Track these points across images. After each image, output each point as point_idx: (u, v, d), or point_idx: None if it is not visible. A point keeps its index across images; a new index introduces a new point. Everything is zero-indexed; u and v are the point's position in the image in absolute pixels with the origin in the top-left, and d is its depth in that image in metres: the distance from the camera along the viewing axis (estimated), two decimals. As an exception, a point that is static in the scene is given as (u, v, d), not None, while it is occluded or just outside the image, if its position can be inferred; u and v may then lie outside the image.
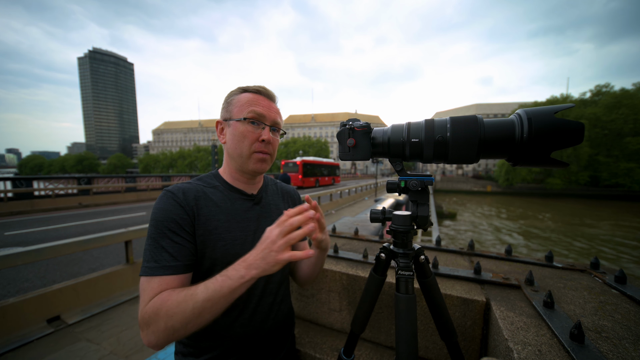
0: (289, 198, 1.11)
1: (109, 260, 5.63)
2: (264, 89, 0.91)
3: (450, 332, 0.82)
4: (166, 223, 0.76)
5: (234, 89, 0.92)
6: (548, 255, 1.27)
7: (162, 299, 0.68)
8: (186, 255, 0.77)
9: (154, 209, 0.79)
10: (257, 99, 0.88)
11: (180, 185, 0.84)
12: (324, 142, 75.65)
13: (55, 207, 13.14)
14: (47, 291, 3.09)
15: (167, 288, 0.71)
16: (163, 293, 0.69)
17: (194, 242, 0.79)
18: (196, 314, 0.65)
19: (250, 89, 0.90)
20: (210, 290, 0.65)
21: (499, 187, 51.53)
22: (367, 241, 1.72)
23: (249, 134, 0.86)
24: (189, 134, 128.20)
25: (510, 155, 0.63)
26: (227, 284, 0.65)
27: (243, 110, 0.86)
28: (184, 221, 0.78)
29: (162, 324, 0.65)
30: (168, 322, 0.64)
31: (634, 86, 42.05)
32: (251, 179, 0.95)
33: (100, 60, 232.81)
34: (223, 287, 0.65)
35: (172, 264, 0.74)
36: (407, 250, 0.77)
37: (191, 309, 0.64)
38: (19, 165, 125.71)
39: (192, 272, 0.80)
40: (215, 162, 18.74)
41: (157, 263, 0.73)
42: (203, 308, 0.64)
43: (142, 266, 0.74)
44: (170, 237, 0.75)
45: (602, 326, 0.77)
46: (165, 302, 0.66)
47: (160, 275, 0.72)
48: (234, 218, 0.88)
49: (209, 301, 0.64)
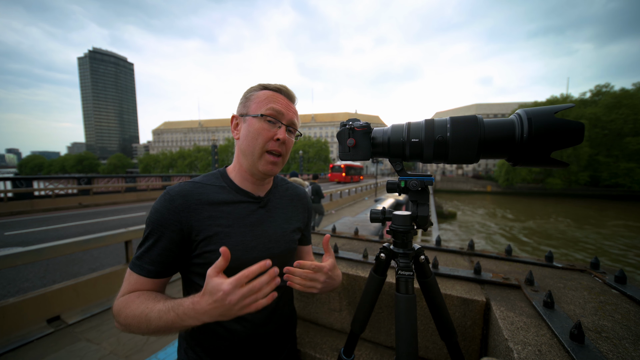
0: (298, 202, 1.06)
1: (109, 260, 5.63)
2: (285, 88, 0.89)
3: (450, 332, 0.82)
4: (156, 226, 0.78)
5: (254, 85, 0.90)
6: (548, 255, 1.27)
7: (127, 302, 0.73)
8: (163, 262, 0.78)
9: (152, 207, 0.80)
10: (276, 97, 0.86)
11: (183, 187, 0.83)
12: (324, 142, 75.62)
13: (55, 207, 13.15)
14: (47, 291, 3.09)
15: (140, 287, 0.77)
16: (132, 295, 0.75)
17: (177, 251, 0.80)
18: (150, 332, 0.71)
19: (270, 86, 0.88)
20: (162, 322, 0.68)
21: (499, 187, 51.53)
22: (367, 241, 1.72)
23: (263, 132, 0.83)
24: (189, 134, 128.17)
25: (510, 155, 0.63)
26: (177, 325, 0.68)
27: (261, 106, 0.84)
28: (174, 228, 0.78)
29: (122, 323, 0.72)
30: (126, 326, 0.72)
31: (634, 86, 42.07)
32: (260, 180, 0.92)
33: (100, 60, 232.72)
34: (174, 325, 0.68)
35: (148, 267, 0.77)
36: (407, 250, 0.77)
37: (145, 329, 0.70)
38: (19, 165, 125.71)
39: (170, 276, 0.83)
40: (216, 162, 18.76)
41: (138, 260, 0.78)
42: (156, 331, 0.70)
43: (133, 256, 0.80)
44: (155, 240, 0.77)
45: (602, 326, 0.77)
46: (127, 308, 0.72)
47: (137, 273, 0.77)
48: (236, 222, 0.85)
49: (158, 331, 0.69)
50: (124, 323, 0.72)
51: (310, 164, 73.77)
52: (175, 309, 0.68)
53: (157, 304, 0.70)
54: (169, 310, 0.68)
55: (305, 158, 72.95)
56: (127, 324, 0.71)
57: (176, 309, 0.68)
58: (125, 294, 0.76)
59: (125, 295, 0.76)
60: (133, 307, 0.71)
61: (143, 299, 0.73)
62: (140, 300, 0.73)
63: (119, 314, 0.72)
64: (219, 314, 0.65)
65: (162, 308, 0.69)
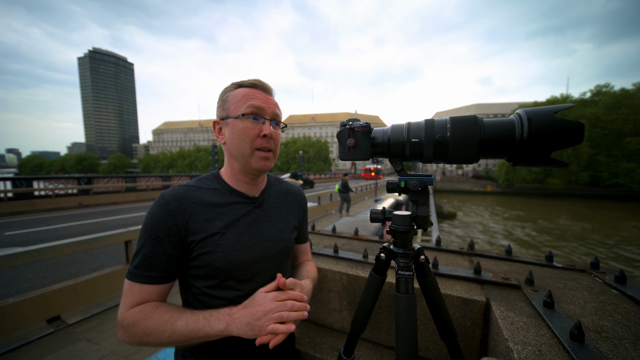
0: (293, 199, 1.06)
1: (109, 260, 5.63)
2: (260, 82, 0.87)
3: (450, 332, 0.82)
4: (153, 231, 0.76)
5: (227, 86, 0.88)
6: (548, 255, 1.27)
7: (144, 314, 0.72)
8: (163, 267, 0.77)
9: (147, 214, 0.79)
10: (253, 92, 0.84)
11: (177, 190, 0.82)
12: (324, 142, 75.60)
13: (55, 207, 13.14)
14: (47, 291, 3.09)
15: (147, 297, 0.76)
16: (147, 306, 0.73)
17: (177, 254, 0.79)
18: (171, 342, 0.70)
19: (245, 83, 0.86)
20: (189, 328, 0.68)
21: (499, 187, 51.51)
22: (367, 241, 1.72)
23: (248, 130, 0.81)
24: (189, 134, 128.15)
25: (510, 155, 0.63)
26: (205, 331, 0.68)
27: (240, 106, 0.82)
28: (171, 232, 0.77)
29: (139, 335, 0.70)
30: (144, 337, 0.70)
31: (634, 86, 42.05)
32: (254, 179, 0.92)
33: (100, 60, 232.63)
34: (201, 331, 0.69)
35: (149, 274, 0.76)
36: (407, 250, 0.77)
37: (168, 336, 0.69)
38: (19, 165, 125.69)
39: (174, 279, 0.83)
40: (216, 162, 18.76)
41: (137, 270, 0.75)
42: (178, 340, 0.70)
43: (129, 268, 0.77)
44: (153, 246, 0.76)
45: (602, 326, 0.77)
46: (146, 320, 0.71)
47: (139, 282, 0.75)
48: (232, 224, 0.85)
49: (184, 336, 0.69)
50: (142, 334, 0.70)
51: (311, 164, 73.76)
52: (206, 316, 0.70)
53: (183, 312, 0.72)
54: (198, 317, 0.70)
55: (305, 158, 72.93)
56: (146, 334, 0.70)
57: (207, 316, 0.70)
58: (133, 305, 0.73)
59: (134, 307, 0.73)
60: (155, 317, 0.71)
61: (165, 308, 0.74)
62: (160, 310, 0.73)
63: (135, 325, 0.70)
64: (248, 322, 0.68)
65: (190, 315, 0.71)
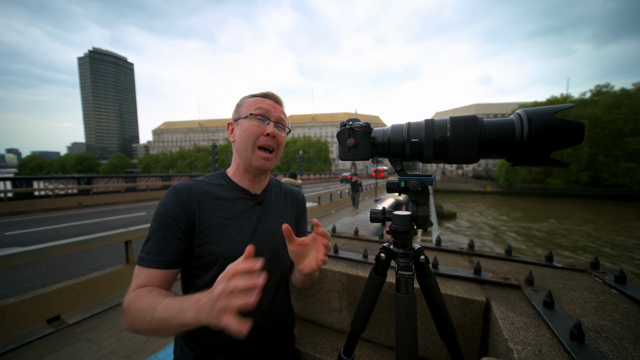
0: (292, 199, 1.13)
1: (109, 260, 5.63)
2: (271, 94, 1.00)
3: (450, 332, 0.82)
4: (163, 218, 0.81)
5: (245, 95, 1.02)
6: (548, 255, 1.27)
7: (137, 297, 0.72)
8: (172, 251, 0.81)
9: (159, 203, 0.85)
10: (263, 100, 0.97)
11: (187, 183, 0.90)
12: (324, 142, 75.62)
13: (55, 207, 13.15)
14: (47, 291, 3.09)
15: (150, 281, 0.78)
16: (142, 290, 0.75)
17: (186, 240, 0.83)
18: (151, 328, 0.67)
19: (258, 94, 0.99)
20: (165, 314, 0.65)
21: (499, 187, 51.53)
22: (367, 241, 1.72)
23: (254, 129, 0.92)
24: (189, 134, 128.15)
25: (510, 155, 0.63)
26: (179, 317, 0.63)
27: (250, 109, 0.94)
28: (180, 218, 0.82)
29: (129, 320, 0.71)
30: (133, 321, 0.70)
31: (633, 86, 42.06)
32: (256, 177, 0.99)
33: (100, 60, 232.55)
34: (175, 318, 0.64)
35: (157, 258, 0.79)
36: (407, 250, 0.77)
37: (148, 321, 0.67)
38: (19, 165, 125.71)
39: (180, 267, 0.85)
40: (216, 162, 18.77)
41: (147, 255, 0.79)
42: (156, 326, 0.67)
43: (139, 254, 0.81)
44: (164, 231, 0.81)
45: (602, 326, 0.77)
46: (135, 302, 0.71)
47: (146, 267, 0.78)
48: (235, 216, 0.91)
49: (161, 322, 0.66)
50: (132, 317, 0.70)
51: (310, 164, 73.79)
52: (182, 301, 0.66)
53: (167, 297, 0.70)
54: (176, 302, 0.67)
55: (305, 158, 72.96)
56: (135, 317, 0.69)
57: (182, 301, 0.66)
58: (136, 289, 0.76)
59: (135, 290, 0.76)
60: (144, 299, 0.71)
61: (155, 292, 0.73)
62: (151, 294, 0.73)
63: (128, 308, 0.72)
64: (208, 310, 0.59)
65: (170, 300, 0.69)
